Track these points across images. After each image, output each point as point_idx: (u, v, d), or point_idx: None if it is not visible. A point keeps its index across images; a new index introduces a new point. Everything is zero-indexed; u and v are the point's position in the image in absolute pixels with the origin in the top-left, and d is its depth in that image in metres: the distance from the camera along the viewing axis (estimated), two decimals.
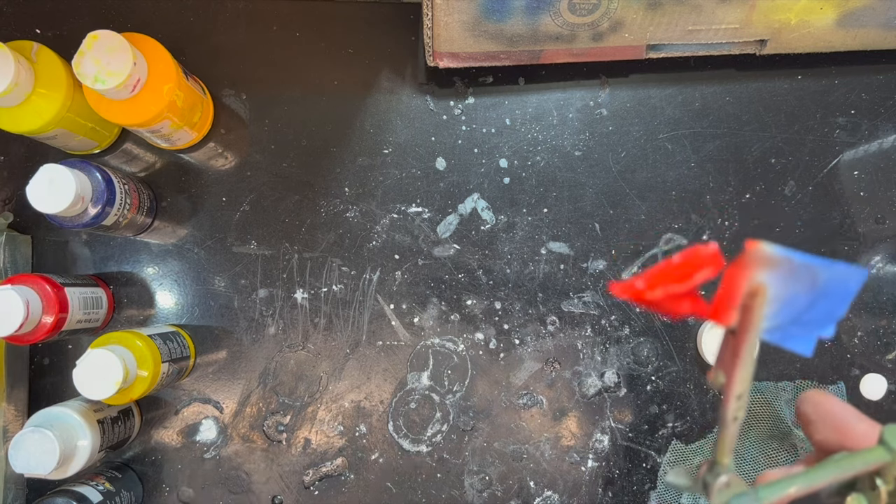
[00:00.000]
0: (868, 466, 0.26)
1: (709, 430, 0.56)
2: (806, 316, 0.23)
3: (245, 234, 0.56)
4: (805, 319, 0.23)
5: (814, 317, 0.23)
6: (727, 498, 0.24)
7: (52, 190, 0.45)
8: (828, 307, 0.23)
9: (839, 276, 0.22)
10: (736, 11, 0.50)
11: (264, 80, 0.57)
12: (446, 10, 0.48)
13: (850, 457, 0.26)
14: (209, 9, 0.57)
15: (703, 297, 0.23)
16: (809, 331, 0.23)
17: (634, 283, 0.22)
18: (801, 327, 0.23)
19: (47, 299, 0.47)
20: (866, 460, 0.25)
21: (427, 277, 0.56)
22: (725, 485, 0.24)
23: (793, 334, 0.23)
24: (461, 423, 0.56)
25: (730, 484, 0.24)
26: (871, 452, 0.26)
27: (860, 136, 0.57)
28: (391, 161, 0.57)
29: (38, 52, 0.48)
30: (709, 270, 0.21)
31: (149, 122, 0.48)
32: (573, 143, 0.57)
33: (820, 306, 0.23)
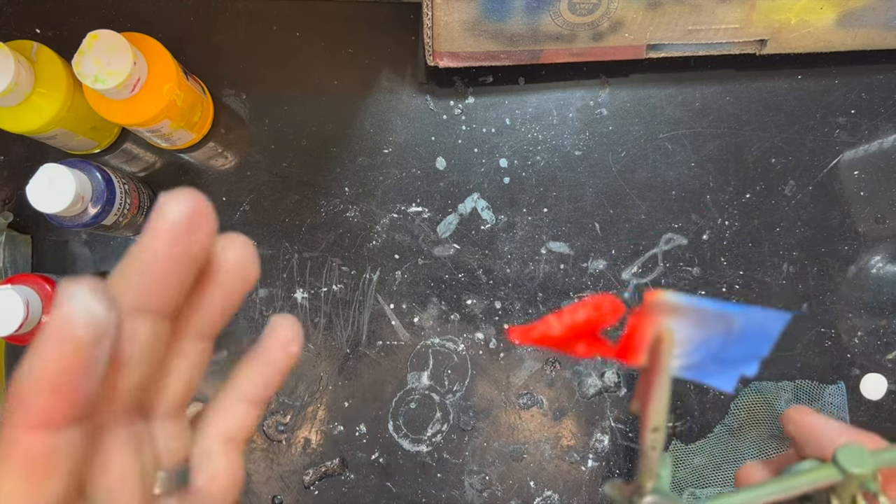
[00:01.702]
0: (816, 485, 0.26)
1: (708, 430, 0.56)
2: (725, 355, 0.23)
3: (245, 233, 0.56)
4: (724, 358, 0.23)
5: (734, 356, 0.23)
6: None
7: (52, 190, 0.45)
8: (748, 348, 0.23)
9: (757, 320, 0.23)
10: (736, 11, 0.50)
11: (264, 79, 0.57)
12: (446, 10, 0.48)
13: (798, 475, 0.26)
14: (209, 8, 0.57)
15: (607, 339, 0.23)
16: (730, 369, 0.23)
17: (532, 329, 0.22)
18: (720, 365, 0.23)
19: (47, 299, 0.47)
20: (815, 479, 0.26)
21: (427, 277, 0.56)
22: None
23: (712, 372, 0.23)
24: (461, 422, 0.56)
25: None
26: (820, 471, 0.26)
27: (860, 135, 0.57)
28: (391, 161, 0.57)
29: (38, 51, 0.48)
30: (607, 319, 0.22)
31: (149, 122, 0.48)
32: (573, 142, 0.57)
33: (740, 347, 0.23)
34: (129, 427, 0.18)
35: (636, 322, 0.23)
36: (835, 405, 0.55)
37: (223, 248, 0.20)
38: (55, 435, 0.15)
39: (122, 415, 0.18)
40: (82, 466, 0.16)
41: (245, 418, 0.22)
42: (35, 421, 0.15)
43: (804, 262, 0.57)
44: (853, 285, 0.57)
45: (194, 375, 0.21)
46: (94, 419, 0.17)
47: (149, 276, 0.17)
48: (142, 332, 0.18)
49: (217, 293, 0.20)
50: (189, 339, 0.20)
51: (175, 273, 0.17)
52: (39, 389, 0.15)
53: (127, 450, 0.18)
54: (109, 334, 0.15)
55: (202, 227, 0.18)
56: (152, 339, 0.18)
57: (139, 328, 0.18)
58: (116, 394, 0.18)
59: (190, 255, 0.17)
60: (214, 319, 0.20)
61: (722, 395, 0.56)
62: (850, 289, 0.57)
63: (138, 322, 0.18)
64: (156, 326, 0.18)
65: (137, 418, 0.19)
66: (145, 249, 0.17)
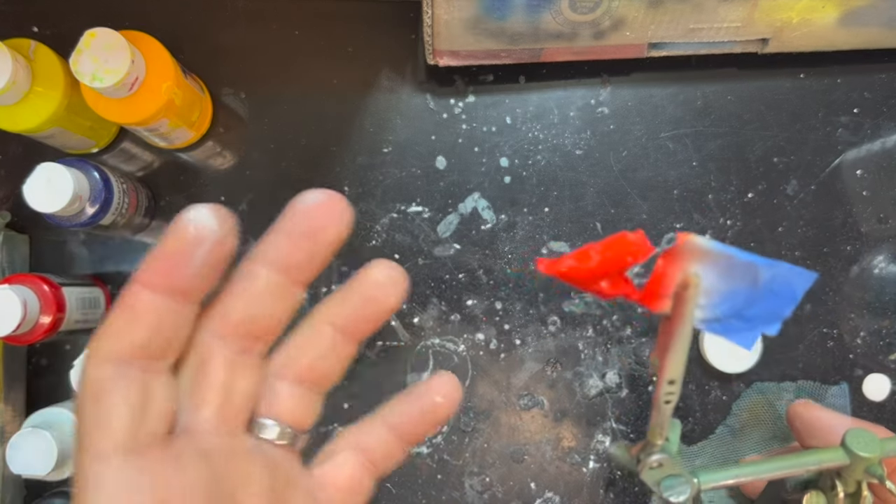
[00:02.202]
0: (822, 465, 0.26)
1: (710, 431, 0.56)
2: (748, 312, 0.23)
3: (244, 233, 0.56)
4: (748, 315, 0.23)
5: (757, 313, 0.23)
6: (658, 478, 0.25)
7: (49, 189, 0.44)
8: (772, 306, 0.23)
9: (784, 276, 0.22)
10: (738, 10, 0.49)
11: (263, 78, 0.57)
12: (446, 8, 0.47)
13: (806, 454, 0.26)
14: (208, 7, 0.56)
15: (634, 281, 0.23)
16: (752, 327, 0.23)
17: (562, 261, 0.22)
18: (743, 322, 0.23)
19: (45, 299, 0.47)
20: (821, 459, 0.26)
21: (427, 277, 0.56)
22: (658, 464, 0.25)
23: (734, 328, 0.23)
24: (461, 423, 0.56)
25: (662, 465, 0.25)
26: (828, 452, 0.26)
27: (863, 135, 0.57)
28: (391, 160, 0.56)
29: (35, 50, 0.48)
30: (636, 256, 0.22)
31: (147, 121, 0.48)
32: (574, 141, 0.57)
33: (764, 304, 0.23)
34: (233, 353, 0.22)
35: (664, 266, 0.22)
36: (837, 406, 0.55)
37: (374, 266, 0.24)
38: (149, 296, 0.20)
39: (228, 340, 0.22)
40: (175, 341, 0.21)
41: (385, 445, 0.25)
42: (143, 280, 0.20)
43: (806, 262, 0.56)
44: (856, 285, 0.56)
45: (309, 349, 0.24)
46: (191, 303, 0.21)
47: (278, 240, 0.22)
48: (262, 277, 0.22)
49: (356, 297, 0.24)
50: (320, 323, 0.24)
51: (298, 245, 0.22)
52: (151, 261, 0.20)
53: (222, 364, 0.22)
54: (211, 239, 0.20)
55: (334, 215, 0.22)
56: (268, 286, 0.22)
57: (261, 272, 0.22)
58: (228, 318, 0.22)
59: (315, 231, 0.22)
60: (349, 316, 0.24)
61: (724, 396, 0.56)
62: (853, 289, 0.56)
63: (268, 267, 0.22)
64: (272, 277, 0.22)
65: (244, 352, 0.23)
66: (288, 220, 0.22)
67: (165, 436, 0.21)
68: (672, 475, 0.25)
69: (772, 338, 0.55)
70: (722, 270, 0.22)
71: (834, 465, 0.26)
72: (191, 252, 0.20)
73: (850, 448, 0.25)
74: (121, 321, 0.20)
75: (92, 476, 0.19)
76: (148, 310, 0.20)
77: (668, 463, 0.25)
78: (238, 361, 0.22)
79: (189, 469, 0.20)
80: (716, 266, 0.22)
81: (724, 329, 0.23)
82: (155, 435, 0.20)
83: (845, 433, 0.26)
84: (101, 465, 0.19)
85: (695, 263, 0.22)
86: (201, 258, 0.20)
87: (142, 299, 0.20)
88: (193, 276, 0.20)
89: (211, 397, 0.22)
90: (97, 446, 0.19)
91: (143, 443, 0.20)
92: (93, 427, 0.20)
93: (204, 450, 0.21)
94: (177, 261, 0.20)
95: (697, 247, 0.21)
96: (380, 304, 0.24)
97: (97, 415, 0.20)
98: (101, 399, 0.20)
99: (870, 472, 0.25)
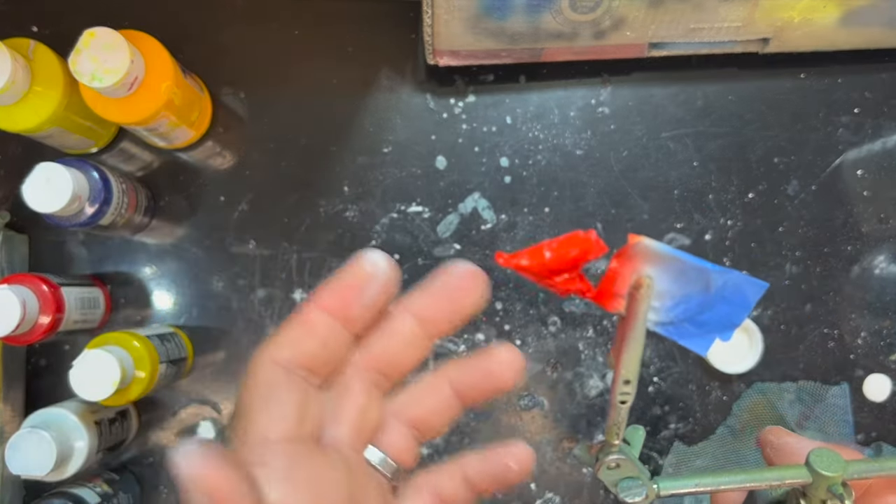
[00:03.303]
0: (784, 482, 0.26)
1: (711, 431, 0.56)
2: (702, 317, 0.23)
3: (243, 233, 0.56)
4: (701, 320, 0.23)
5: (711, 319, 0.23)
6: (615, 478, 0.25)
7: (48, 189, 0.44)
8: (725, 312, 0.23)
9: (735, 284, 0.23)
10: (738, 9, 0.49)
11: (263, 78, 0.56)
12: (447, 8, 0.47)
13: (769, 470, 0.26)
14: (208, 6, 0.56)
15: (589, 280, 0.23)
16: (706, 332, 0.24)
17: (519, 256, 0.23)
18: (696, 327, 0.24)
19: (44, 299, 0.47)
20: (783, 476, 0.26)
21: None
22: (615, 464, 0.25)
23: (688, 333, 0.24)
24: (461, 424, 0.56)
25: (620, 465, 0.25)
26: (791, 470, 0.26)
27: (864, 135, 0.57)
28: (391, 160, 0.56)
29: (34, 49, 0.47)
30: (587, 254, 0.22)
31: (146, 121, 0.48)
32: (575, 141, 0.56)
33: (716, 310, 0.23)
34: (369, 384, 0.25)
35: (617, 266, 0.22)
36: (838, 406, 0.55)
37: (501, 346, 0.26)
38: (323, 317, 0.24)
39: (369, 373, 0.25)
40: (332, 361, 0.24)
41: (458, 494, 0.27)
42: (319, 302, 0.24)
43: (807, 263, 0.56)
44: (856, 285, 0.56)
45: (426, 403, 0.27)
46: (351, 331, 0.24)
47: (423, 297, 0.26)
48: (405, 324, 0.25)
49: (479, 369, 0.26)
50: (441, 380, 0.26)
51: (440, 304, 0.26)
52: (330, 287, 0.24)
53: (360, 392, 0.25)
54: (382, 280, 0.24)
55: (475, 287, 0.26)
56: (407, 333, 0.25)
57: (404, 319, 0.25)
58: (371, 353, 0.25)
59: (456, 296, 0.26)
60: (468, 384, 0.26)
61: (724, 397, 0.56)
62: (854, 289, 0.56)
63: (405, 316, 0.25)
64: (412, 326, 0.25)
65: (376, 386, 0.25)
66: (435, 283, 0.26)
67: (316, 439, 0.24)
68: (630, 477, 0.25)
69: (773, 338, 0.55)
70: (674, 274, 0.22)
71: (796, 482, 0.26)
72: (364, 287, 0.24)
73: (813, 467, 0.26)
74: (296, 333, 0.24)
75: (258, 456, 0.22)
76: (320, 328, 0.24)
77: (626, 465, 0.25)
78: (371, 392, 0.25)
79: (336, 471, 0.23)
80: (668, 269, 0.22)
81: (677, 333, 0.24)
82: (310, 436, 0.23)
83: (809, 452, 0.26)
84: (268, 448, 0.22)
85: (647, 265, 0.22)
86: (371, 294, 0.24)
87: (316, 318, 0.24)
88: (362, 308, 0.24)
89: (351, 417, 0.25)
90: (264, 432, 0.22)
91: (302, 438, 0.23)
92: (262, 416, 0.23)
93: (344, 458, 0.24)
94: (351, 291, 0.24)
95: (647, 249, 0.22)
96: (496, 381, 0.26)
97: (267, 407, 0.23)
98: (271, 394, 0.23)
99: (832, 491, 0.26)
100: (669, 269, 0.22)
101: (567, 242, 0.22)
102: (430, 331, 0.25)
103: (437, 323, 0.25)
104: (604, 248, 0.22)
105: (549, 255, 0.22)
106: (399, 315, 0.25)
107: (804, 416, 0.55)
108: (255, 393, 0.23)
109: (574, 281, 0.23)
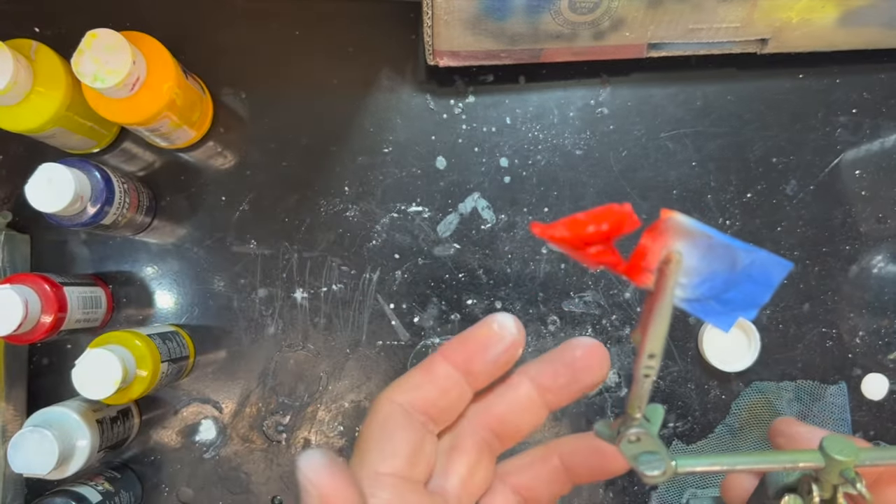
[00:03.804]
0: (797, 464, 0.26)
1: (710, 430, 0.56)
2: (727, 295, 0.24)
3: (244, 233, 0.56)
4: (726, 298, 0.24)
5: (736, 297, 0.24)
6: (636, 452, 0.25)
7: (50, 189, 0.44)
8: (750, 291, 0.24)
9: (761, 262, 0.23)
10: (737, 10, 0.49)
11: (264, 78, 0.57)
12: (446, 9, 0.47)
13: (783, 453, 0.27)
14: (209, 7, 0.56)
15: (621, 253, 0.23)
16: (730, 310, 0.24)
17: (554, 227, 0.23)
18: (722, 305, 0.24)
19: (46, 299, 0.47)
20: (797, 459, 0.26)
21: (427, 277, 0.56)
22: (636, 438, 0.25)
23: (713, 310, 0.24)
24: None
25: (640, 439, 0.25)
26: (804, 454, 0.26)
27: (862, 135, 0.57)
28: (391, 160, 0.56)
29: (36, 50, 0.48)
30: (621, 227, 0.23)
31: (148, 121, 0.48)
32: (574, 142, 0.57)
33: (742, 289, 0.23)
34: (480, 442, 0.26)
35: (647, 241, 0.23)
36: (836, 405, 0.55)
37: None
38: (447, 367, 0.25)
39: (482, 431, 0.26)
40: (450, 411, 0.25)
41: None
42: (446, 354, 0.25)
43: (806, 262, 0.56)
44: (855, 285, 0.56)
45: None
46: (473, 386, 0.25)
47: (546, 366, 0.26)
48: (523, 389, 0.26)
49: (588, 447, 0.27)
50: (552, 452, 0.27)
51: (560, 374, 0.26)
52: (458, 341, 0.25)
53: (472, 448, 0.25)
54: (509, 340, 0.25)
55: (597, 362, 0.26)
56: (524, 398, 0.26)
57: (523, 384, 0.26)
58: (490, 413, 0.26)
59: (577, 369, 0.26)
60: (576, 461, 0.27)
61: (723, 396, 0.56)
62: (852, 288, 0.56)
63: (525, 381, 0.26)
64: (530, 393, 0.26)
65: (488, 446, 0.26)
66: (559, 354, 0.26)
67: (425, 484, 0.24)
68: (650, 451, 0.25)
69: (771, 337, 0.56)
70: (703, 250, 0.23)
71: (809, 465, 0.26)
72: (491, 345, 0.25)
73: (826, 451, 0.26)
74: (420, 378, 0.25)
75: (367, 486, 0.23)
76: (442, 377, 0.25)
77: (647, 439, 0.25)
78: (483, 451, 0.26)
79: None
80: (697, 245, 0.22)
81: (702, 310, 0.24)
82: (420, 478, 0.24)
83: (823, 438, 0.26)
84: (377, 480, 0.23)
85: (677, 241, 0.22)
86: (496, 352, 0.25)
87: (440, 367, 0.25)
88: (485, 363, 0.25)
89: (460, 470, 0.25)
90: (376, 465, 0.23)
91: (411, 479, 0.24)
92: (376, 450, 0.23)
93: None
94: (478, 348, 0.25)
95: (680, 224, 0.22)
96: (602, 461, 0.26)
97: (382, 442, 0.24)
98: (388, 430, 0.24)
99: (844, 475, 0.26)
100: (699, 246, 0.22)
101: (602, 215, 0.23)
102: (548, 399, 0.26)
103: (556, 392, 0.26)
104: (637, 222, 0.22)
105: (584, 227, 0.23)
106: (519, 380, 0.26)
107: (802, 415, 0.55)
108: (373, 428, 0.24)
109: (606, 253, 0.23)
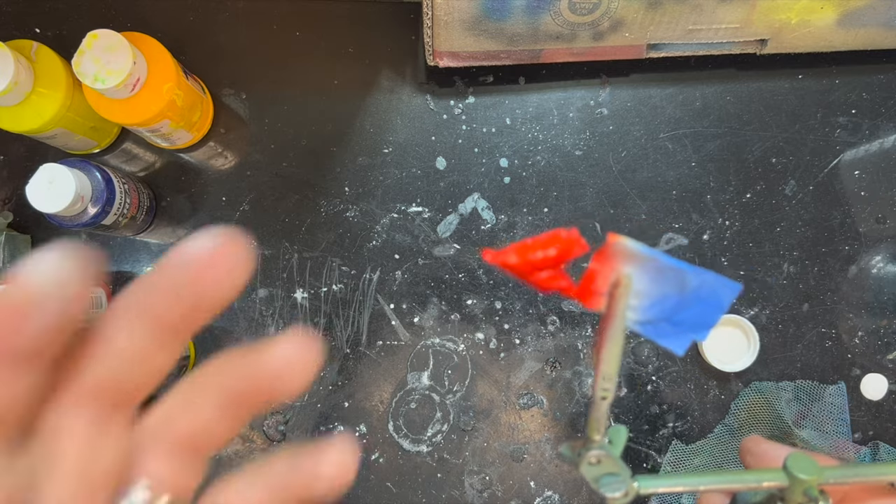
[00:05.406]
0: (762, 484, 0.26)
1: (709, 430, 0.56)
2: (678, 317, 0.24)
3: (244, 233, 0.56)
4: (678, 320, 0.24)
5: (687, 319, 0.24)
6: (596, 474, 0.25)
7: (51, 189, 0.45)
8: (701, 313, 0.24)
9: (710, 285, 0.23)
10: (736, 11, 0.49)
11: (264, 79, 0.57)
12: (446, 10, 0.47)
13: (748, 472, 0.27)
14: (209, 8, 0.57)
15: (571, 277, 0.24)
16: (682, 332, 0.24)
17: (506, 253, 0.23)
18: (674, 326, 0.24)
19: None
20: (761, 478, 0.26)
21: (427, 277, 0.56)
22: (596, 460, 0.26)
23: (665, 332, 0.24)
24: (461, 423, 0.56)
25: (601, 461, 0.26)
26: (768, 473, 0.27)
27: (861, 135, 0.57)
28: (391, 160, 0.57)
29: (37, 51, 0.48)
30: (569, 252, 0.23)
31: (148, 122, 0.48)
32: (574, 142, 0.57)
33: (692, 310, 0.24)
34: (92, 422, 0.19)
35: (597, 264, 0.23)
36: (835, 405, 0.55)
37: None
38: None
39: (90, 399, 0.19)
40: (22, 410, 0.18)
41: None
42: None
43: (805, 262, 0.57)
44: (854, 285, 0.56)
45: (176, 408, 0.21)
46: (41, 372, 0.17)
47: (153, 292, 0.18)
48: (137, 335, 0.18)
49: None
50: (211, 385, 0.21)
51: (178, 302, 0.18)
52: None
53: (82, 427, 0.18)
54: (55, 299, 0.16)
55: (227, 265, 0.19)
56: (140, 345, 0.19)
57: (135, 328, 0.18)
58: (88, 376, 0.18)
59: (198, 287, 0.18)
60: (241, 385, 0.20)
61: (722, 396, 0.56)
62: (851, 289, 0.56)
63: (135, 324, 0.18)
64: (146, 335, 0.19)
65: (105, 420, 0.19)
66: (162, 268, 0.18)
67: None
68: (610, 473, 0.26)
69: (770, 337, 0.56)
70: (652, 273, 0.23)
71: (773, 485, 0.27)
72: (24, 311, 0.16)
73: (790, 470, 0.26)
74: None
75: None
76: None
77: (608, 461, 0.26)
78: (101, 425, 0.19)
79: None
80: (645, 269, 0.23)
81: (655, 332, 0.24)
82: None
83: (787, 456, 0.27)
84: None
85: (625, 265, 0.23)
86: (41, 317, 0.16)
87: None
88: (29, 337, 0.16)
89: (68, 468, 0.18)
90: None
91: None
92: None
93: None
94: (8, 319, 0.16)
95: (627, 248, 0.22)
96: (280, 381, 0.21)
97: None
98: None
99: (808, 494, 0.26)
100: (647, 269, 0.23)
101: (550, 240, 0.23)
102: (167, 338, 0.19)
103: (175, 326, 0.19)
104: (585, 247, 0.23)
105: (532, 253, 0.23)
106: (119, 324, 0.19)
107: (801, 415, 0.55)
108: None
109: (556, 278, 0.23)
